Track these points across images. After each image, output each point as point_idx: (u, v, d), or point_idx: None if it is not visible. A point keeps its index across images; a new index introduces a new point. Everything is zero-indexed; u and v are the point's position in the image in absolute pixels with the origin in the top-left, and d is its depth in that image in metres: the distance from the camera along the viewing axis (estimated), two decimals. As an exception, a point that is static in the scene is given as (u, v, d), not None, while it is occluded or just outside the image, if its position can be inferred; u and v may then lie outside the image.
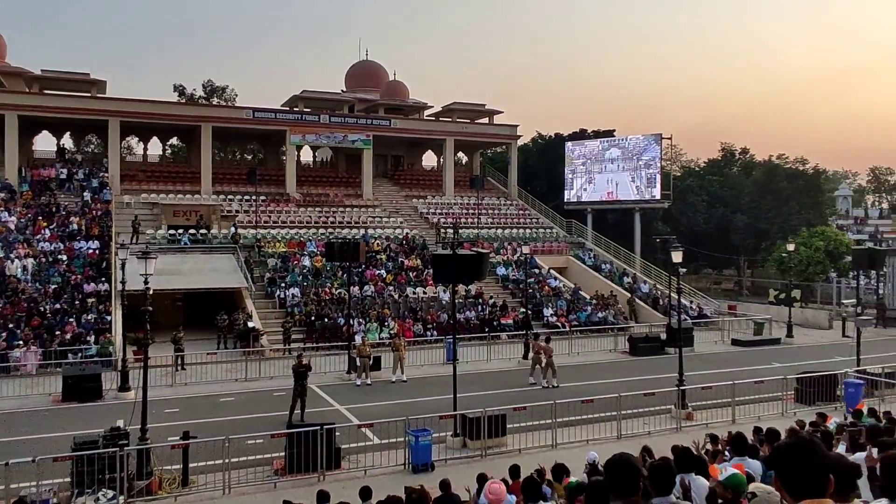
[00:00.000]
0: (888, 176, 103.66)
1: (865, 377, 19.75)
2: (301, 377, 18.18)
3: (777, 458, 2.86)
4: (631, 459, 3.47)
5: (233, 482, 13.29)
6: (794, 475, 2.70)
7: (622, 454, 3.53)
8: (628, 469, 3.38)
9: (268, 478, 13.92)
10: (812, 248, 44.25)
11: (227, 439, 13.34)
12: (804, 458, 2.70)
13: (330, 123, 44.47)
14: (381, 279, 34.14)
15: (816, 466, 2.68)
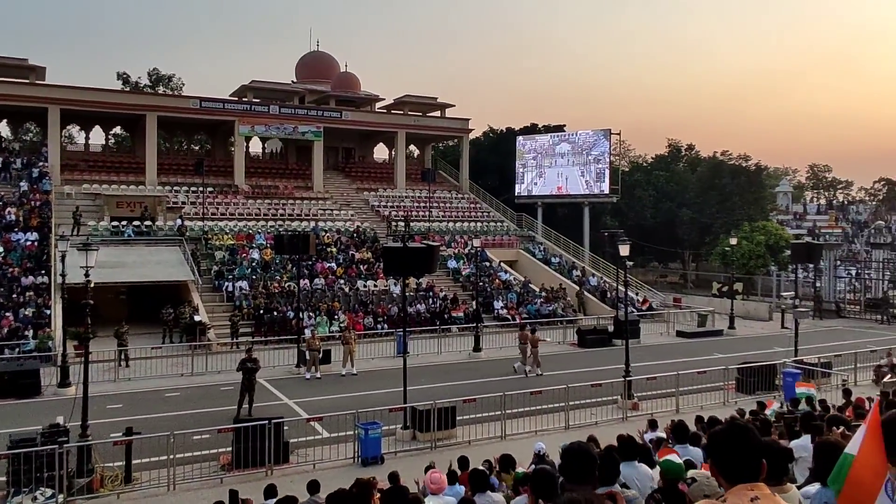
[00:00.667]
0: (826, 173, 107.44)
1: (803, 367, 20.47)
2: (249, 372, 17.92)
3: (712, 443, 2.93)
4: (587, 448, 3.53)
5: (178, 478, 13.06)
6: (728, 460, 2.76)
7: (579, 443, 3.59)
8: (585, 457, 3.44)
9: (214, 473, 13.72)
10: (754, 242, 45.57)
11: (172, 435, 13.09)
12: (738, 443, 2.76)
13: (280, 114, 43.84)
14: (331, 272, 33.88)
15: (750, 451, 2.74)
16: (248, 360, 18.05)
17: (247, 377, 17.87)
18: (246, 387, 17.85)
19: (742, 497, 2.62)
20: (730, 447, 2.77)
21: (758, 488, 2.66)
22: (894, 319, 35.99)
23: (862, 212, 75.43)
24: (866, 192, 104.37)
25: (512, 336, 29.17)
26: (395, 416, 16.19)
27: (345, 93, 50.60)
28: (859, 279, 43.60)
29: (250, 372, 17.91)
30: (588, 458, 3.42)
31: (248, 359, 18.12)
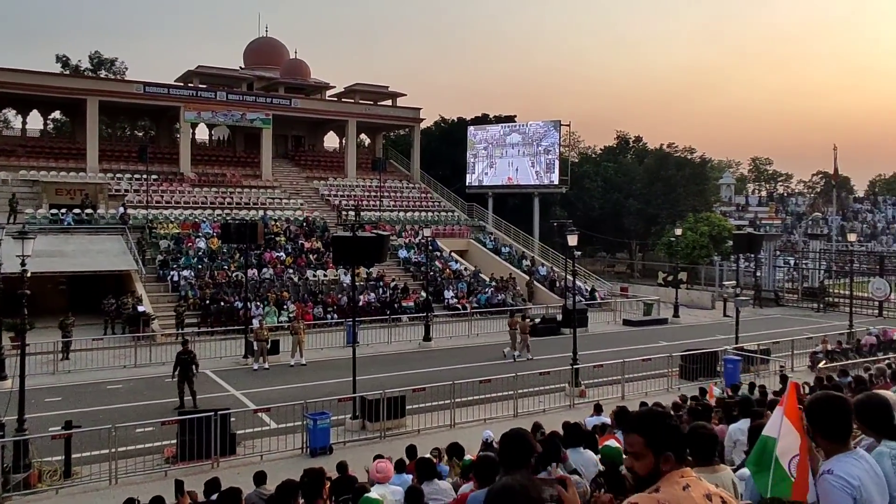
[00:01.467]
0: (767, 166, 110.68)
1: (743, 354, 21.10)
2: (185, 364, 17.52)
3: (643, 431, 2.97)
4: (523, 434, 3.58)
5: (120, 472, 12.77)
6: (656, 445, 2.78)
7: (516, 429, 3.64)
8: (520, 443, 3.49)
9: (158, 466, 13.45)
10: (698, 232, 46.64)
11: (114, 428, 12.79)
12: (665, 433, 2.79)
13: (227, 101, 42.95)
14: (280, 262, 33.46)
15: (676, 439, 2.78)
16: (183, 353, 17.68)
17: (183, 370, 17.49)
18: (182, 379, 17.46)
19: (674, 486, 2.66)
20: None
21: (686, 474, 2.71)
22: (830, 308, 37.33)
23: (800, 204, 77.95)
24: (805, 185, 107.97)
25: (462, 325, 29.49)
26: (344, 406, 16.14)
27: (294, 80, 49.89)
28: (797, 269, 45.09)
29: (186, 364, 17.53)
30: (523, 445, 3.47)
31: (184, 351, 17.75)
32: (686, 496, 2.62)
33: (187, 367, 17.54)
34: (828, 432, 3.30)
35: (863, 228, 65.02)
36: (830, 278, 42.04)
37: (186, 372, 17.51)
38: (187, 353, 17.69)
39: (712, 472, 4.16)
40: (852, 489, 3.08)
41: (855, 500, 3.07)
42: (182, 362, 17.54)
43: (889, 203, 75.78)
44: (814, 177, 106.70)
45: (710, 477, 4.09)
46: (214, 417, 13.63)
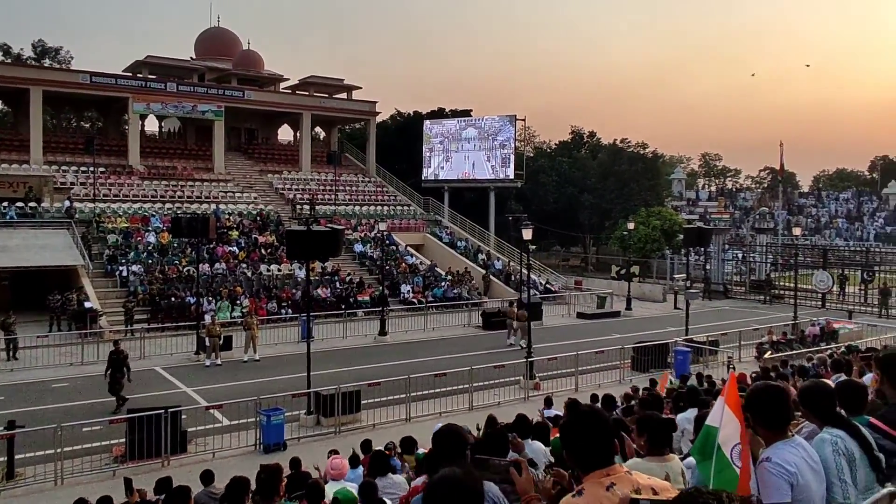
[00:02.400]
0: (717, 161, 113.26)
1: (692, 345, 21.58)
2: (116, 364, 17.05)
3: (562, 435, 2.97)
4: (455, 429, 3.60)
5: (66, 472, 12.45)
6: (579, 448, 2.80)
7: (448, 425, 3.67)
8: (453, 438, 3.51)
9: (106, 466, 13.16)
10: (650, 226, 47.44)
11: (60, 427, 12.46)
12: (586, 430, 2.80)
13: (178, 92, 42.06)
14: (233, 256, 32.96)
15: (599, 436, 2.78)
16: (114, 353, 17.22)
17: (115, 370, 17.01)
18: (114, 380, 16.97)
19: (598, 487, 2.67)
20: (579, 435, 2.80)
21: (613, 472, 2.71)
22: (776, 300, 38.38)
23: (748, 198, 79.84)
24: (752, 180, 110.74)
25: (418, 319, 29.49)
26: (298, 402, 16.02)
27: (247, 71, 49.11)
28: (745, 262, 46.24)
29: (117, 364, 17.07)
30: (456, 440, 3.49)
31: (115, 350, 17.30)
32: (609, 495, 2.62)
33: (118, 368, 17.05)
34: (767, 421, 3.40)
35: (807, 223, 66.93)
36: (776, 271, 43.21)
37: (117, 372, 17.03)
38: (118, 353, 17.22)
39: (662, 461, 4.25)
40: (789, 475, 3.17)
41: (792, 486, 3.17)
42: (113, 363, 17.08)
43: (832, 198, 78.19)
44: (761, 172, 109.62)
45: (661, 466, 4.19)
46: (164, 415, 13.39)
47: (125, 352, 17.79)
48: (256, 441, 14.34)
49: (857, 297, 37.31)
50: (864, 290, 37.78)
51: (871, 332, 25.57)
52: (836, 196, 79.12)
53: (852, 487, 3.47)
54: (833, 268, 39.05)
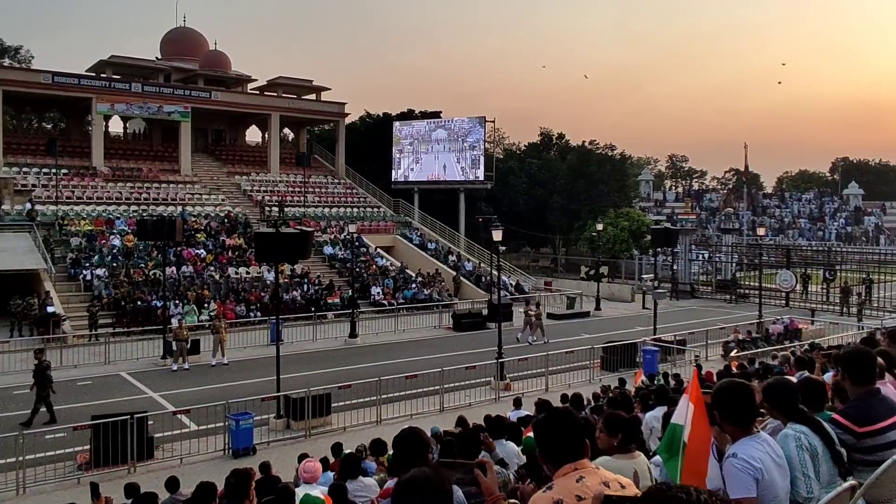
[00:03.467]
0: (683, 163, 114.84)
1: (660, 344, 21.84)
2: (39, 373, 16.36)
3: (535, 432, 3.03)
4: (416, 432, 3.60)
5: (28, 481, 12.17)
6: (552, 445, 2.86)
7: (409, 429, 3.66)
8: (413, 442, 3.50)
9: (70, 473, 12.89)
10: (618, 227, 47.95)
11: (22, 435, 12.19)
12: (558, 427, 2.86)
13: (143, 93, 41.42)
14: (200, 259, 32.53)
15: (571, 432, 2.84)
16: (39, 365, 16.57)
17: (38, 378, 16.46)
18: (40, 393, 16.37)
19: (568, 481, 2.72)
20: (551, 432, 2.87)
21: (581, 465, 2.77)
22: (741, 299, 39.00)
23: (714, 199, 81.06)
24: (718, 181, 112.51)
25: (388, 321, 29.43)
26: (268, 406, 15.86)
27: (214, 72, 48.52)
28: (711, 262, 46.90)
29: (41, 373, 16.50)
30: (417, 443, 3.50)
31: (38, 360, 16.68)
32: (579, 486, 2.68)
33: (41, 375, 16.47)
34: (732, 417, 3.45)
35: (771, 223, 68.18)
36: (742, 271, 43.88)
37: (41, 381, 16.48)
38: (40, 362, 16.61)
39: (629, 459, 4.30)
40: (755, 471, 3.23)
41: (757, 482, 3.23)
42: (36, 371, 16.47)
43: (795, 199, 79.75)
44: (726, 173, 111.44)
45: (627, 463, 4.23)
46: (130, 421, 13.16)
47: (47, 360, 17.03)
48: (225, 446, 14.16)
49: (819, 295, 38.09)
50: (826, 288, 38.56)
51: (833, 330, 26.11)
52: (798, 197, 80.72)
53: (815, 482, 3.54)
54: (796, 267, 39.79)
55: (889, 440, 3.95)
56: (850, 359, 4.33)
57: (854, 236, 65.85)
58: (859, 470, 3.81)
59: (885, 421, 3.99)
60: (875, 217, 72.26)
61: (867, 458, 3.87)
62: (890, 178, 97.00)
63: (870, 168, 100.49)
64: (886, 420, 4.00)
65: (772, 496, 3.27)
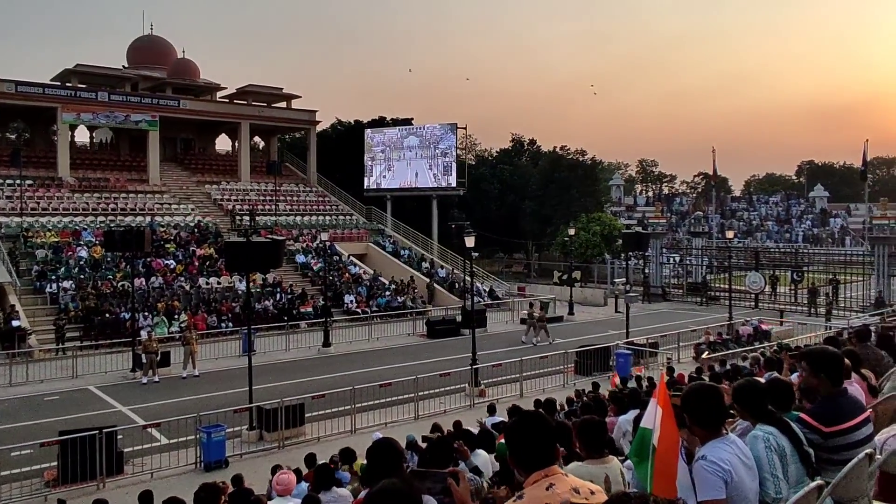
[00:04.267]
0: (653, 167, 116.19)
1: (633, 348, 22.01)
2: None
3: (507, 437, 3.02)
4: (389, 442, 3.58)
5: (-7, 500, 11.88)
6: (523, 450, 2.85)
7: (383, 439, 3.64)
8: (387, 452, 3.48)
9: (37, 491, 12.60)
10: (590, 232, 48.31)
11: (-14, 452, 11.89)
12: (529, 432, 2.86)
13: (110, 101, 40.82)
14: (169, 270, 32.09)
15: (542, 437, 2.84)
16: None
17: None
18: None
19: (538, 489, 2.72)
20: (522, 437, 2.86)
21: (551, 472, 2.77)
22: (712, 301, 39.49)
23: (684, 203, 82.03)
24: (687, 185, 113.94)
25: (362, 330, 29.29)
26: (240, 418, 15.68)
27: (182, 80, 47.99)
28: (682, 265, 47.44)
29: None
30: (390, 452, 3.48)
31: None
32: (549, 495, 2.68)
33: None
34: (701, 420, 3.48)
35: (740, 226, 69.15)
36: (712, 273, 44.44)
37: None
38: None
39: (601, 464, 4.31)
40: (724, 473, 3.26)
41: (726, 484, 3.25)
42: None
43: (762, 202, 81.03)
44: (695, 177, 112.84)
45: (599, 468, 4.24)
46: (99, 436, 12.91)
47: None
48: (197, 459, 13.96)
49: (787, 296, 38.72)
50: (794, 290, 39.21)
51: (801, 331, 26.53)
52: (766, 199, 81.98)
53: (784, 482, 3.58)
54: (765, 269, 40.36)
55: (855, 439, 4.01)
56: (816, 357, 4.39)
57: (820, 238, 67.00)
58: (827, 469, 3.87)
59: (852, 420, 4.05)
60: (840, 219, 73.62)
61: (834, 458, 3.92)
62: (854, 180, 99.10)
63: (834, 171, 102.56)
64: (853, 420, 4.06)
65: (741, 497, 3.30)
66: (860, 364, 6.68)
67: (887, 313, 29.15)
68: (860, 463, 3.63)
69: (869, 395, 5.96)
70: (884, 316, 27.41)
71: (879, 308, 32.24)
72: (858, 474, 3.65)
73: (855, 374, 6.13)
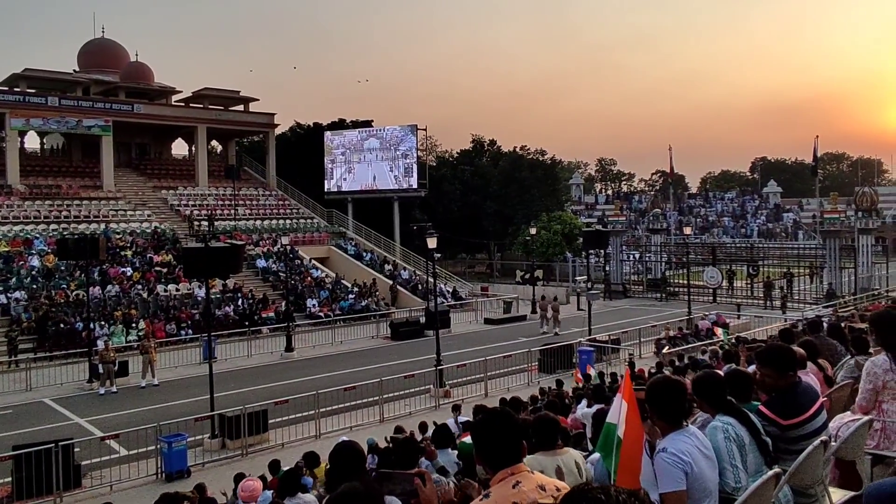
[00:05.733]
0: (612, 166, 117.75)
1: (595, 344, 22.23)
2: None
3: (473, 435, 3.03)
4: (352, 445, 3.56)
5: (-57, 520, 11.47)
6: (490, 447, 2.85)
7: (343, 443, 3.62)
8: (349, 455, 3.46)
9: (-9, 508, 12.21)
10: (551, 231, 48.69)
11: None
12: (495, 429, 2.86)
13: (60, 107, 39.83)
14: (126, 277, 31.42)
15: (508, 434, 2.84)
16: None
17: None
18: None
19: (504, 488, 2.72)
20: (489, 435, 2.86)
21: (517, 470, 2.77)
22: (671, 297, 40.11)
23: (642, 201, 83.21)
24: (646, 183, 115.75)
25: (325, 333, 29.08)
26: (202, 426, 15.41)
27: (136, 84, 47.05)
28: (642, 262, 48.09)
29: None
30: (353, 455, 3.46)
31: None
32: (516, 493, 2.68)
33: None
34: (663, 413, 3.53)
35: (696, 222, 70.47)
36: (671, 269, 45.14)
37: None
38: None
39: (553, 455, 4.38)
40: (684, 464, 3.31)
41: (687, 475, 3.30)
42: None
43: (718, 198, 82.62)
44: (653, 175, 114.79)
45: (551, 459, 4.30)
46: (55, 449, 12.56)
47: None
48: (158, 470, 13.69)
49: (744, 290, 39.55)
50: (750, 284, 40.07)
51: (757, 324, 27.10)
52: (721, 196, 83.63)
53: (743, 472, 3.64)
54: (722, 264, 41.12)
55: (812, 429, 4.10)
56: (770, 353, 4.48)
57: (774, 233, 68.60)
58: (784, 458, 3.94)
59: (808, 411, 4.14)
60: (793, 213, 75.48)
61: (791, 448, 4.01)
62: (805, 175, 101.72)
63: (786, 167, 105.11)
64: (809, 410, 4.15)
65: (701, 488, 3.35)
66: (817, 354, 6.84)
67: (839, 305, 30.02)
68: (815, 451, 3.72)
69: (825, 384, 6.10)
70: (836, 307, 28.23)
71: (831, 300, 33.15)
72: (814, 462, 3.74)
73: (811, 364, 6.28)
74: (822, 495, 3.87)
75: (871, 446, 4.57)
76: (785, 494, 3.64)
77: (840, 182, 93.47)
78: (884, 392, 4.67)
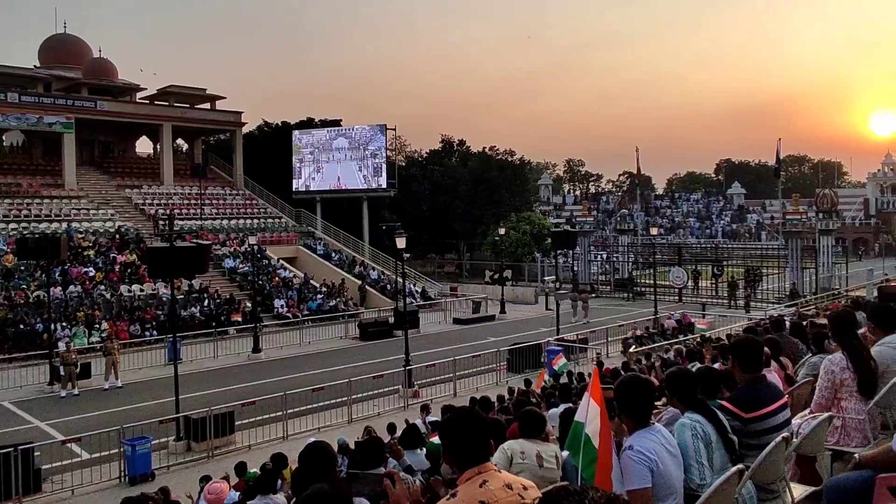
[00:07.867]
0: (580, 167, 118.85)
1: (563, 344, 22.38)
2: None
3: (442, 435, 3.03)
4: (322, 446, 3.55)
5: None
6: (458, 446, 2.85)
7: (313, 443, 3.60)
8: (319, 455, 3.44)
9: (-54, 515, 11.89)
10: (520, 231, 48.95)
11: None
12: (464, 428, 2.86)
13: (20, 103, 38.89)
14: (89, 278, 30.82)
15: (476, 433, 2.85)
16: None
17: None
18: None
19: (471, 487, 2.72)
20: (457, 433, 2.87)
21: (484, 469, 2.77)
22: (638, 296, 40.57)
23: (610, 201, 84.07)
24: (613, 184, 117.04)
25: (293, 334, 28.86)
26: (167, 428, 15.16)
27: (99, 81, 46.14)
28: (609, 262, 48.60)
29: None
30: (323, 456, 3.45)
31: None
32: (483, 491, 2.68)
33: None
34: (631, 411, 3.56)
35: (663, 223, 71.44)
36: (638, 269, 45.67)
37: None
38: None
39: (536, 442, 4.48)
40: (649, 461, 3.35)
41: (652, 472, 3.34)
42: None
43: (684, 199, 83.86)
44: (620, 176, 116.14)
45: (534, 445, 4.48)
46: (14, 453, 12.28)
47: None
48: (121, 473, 13.46)
49: (709, 290, 40.17)
50: (714, 283, 40.72)
51: (722, 323, 27.53)
52: (687, 197, 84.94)
53: (708, 469, 3.69)
54: (687, 264, 41.73)
55: (773, 424, 4.18)
56: (740, 346, 4.57)
57: (738, 233, 69.83)
58: (747, 455, 4.01)
59: (770, 406, 4.22)
60: (756, 214, 76.94)
61: (753, 443, 4.07)
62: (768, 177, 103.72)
63: (750, 168, 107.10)
64: (771, 405, 4.23)
65: (666, 485, 3.40)
66: (779, 352, 6.98)
67: (801, 304, 30.65)
68: (777, 447, 3.79)
69: (785, 382, 6.22)
70: (798, 306, 28.82)
71: (794, 299, 33.83)
72: (776, 458, 3.80)
73: (774, 363, 6.40)
74: (783, 491, 3.94)
75: (831, 443, 4.67)
76: (748, 490, 3.70)
77: (802, 184, 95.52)
78: (842, 389, 4.78)
